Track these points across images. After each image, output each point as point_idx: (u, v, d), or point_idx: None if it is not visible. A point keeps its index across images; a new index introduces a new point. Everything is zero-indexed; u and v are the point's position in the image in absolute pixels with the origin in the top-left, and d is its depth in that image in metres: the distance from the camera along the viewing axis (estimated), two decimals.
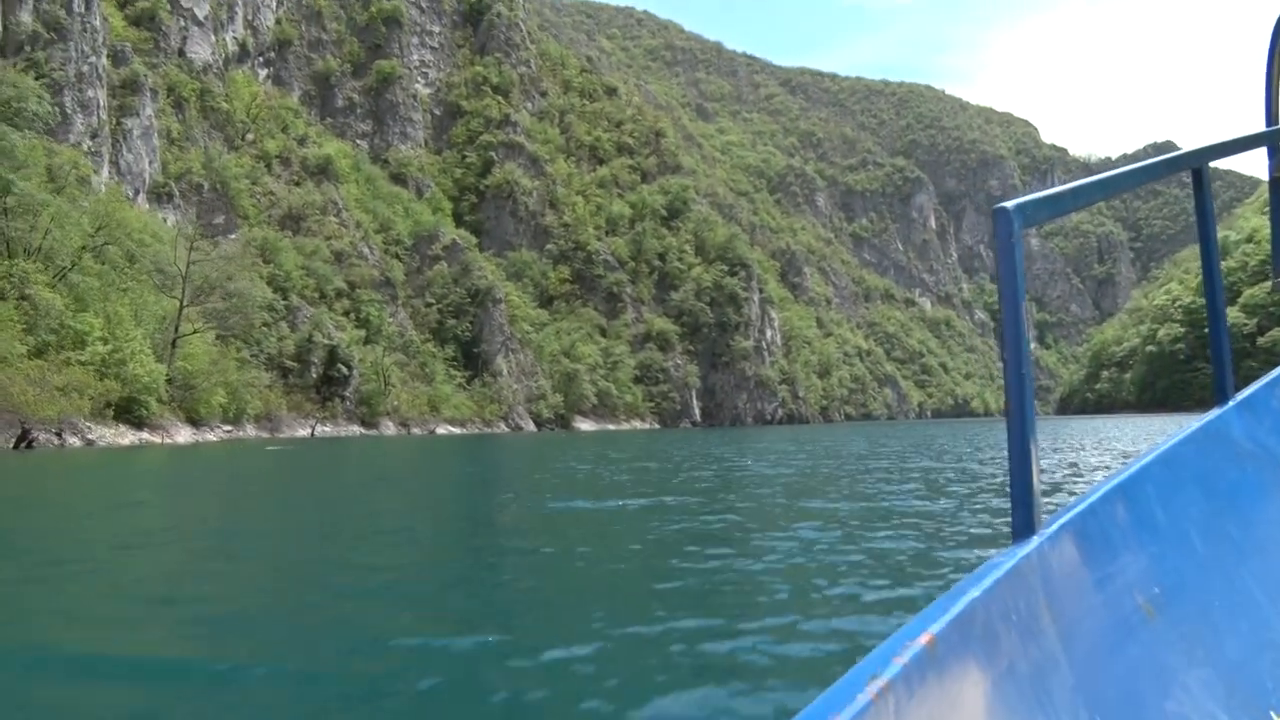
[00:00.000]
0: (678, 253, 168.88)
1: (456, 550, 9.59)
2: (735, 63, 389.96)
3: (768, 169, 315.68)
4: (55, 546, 9.40)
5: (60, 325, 46.15)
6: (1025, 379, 1.83)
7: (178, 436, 51.67)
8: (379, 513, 13.79)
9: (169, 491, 18.84)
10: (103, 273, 52.32)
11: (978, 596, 1.49)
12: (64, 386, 42.45)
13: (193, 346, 57.98)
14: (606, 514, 11.68)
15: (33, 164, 48.66)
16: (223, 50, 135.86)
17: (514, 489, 18.21)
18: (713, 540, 8.81)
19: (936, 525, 9.37)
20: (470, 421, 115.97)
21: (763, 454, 30.81)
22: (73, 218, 49.45)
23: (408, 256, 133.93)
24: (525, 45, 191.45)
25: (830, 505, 12.20)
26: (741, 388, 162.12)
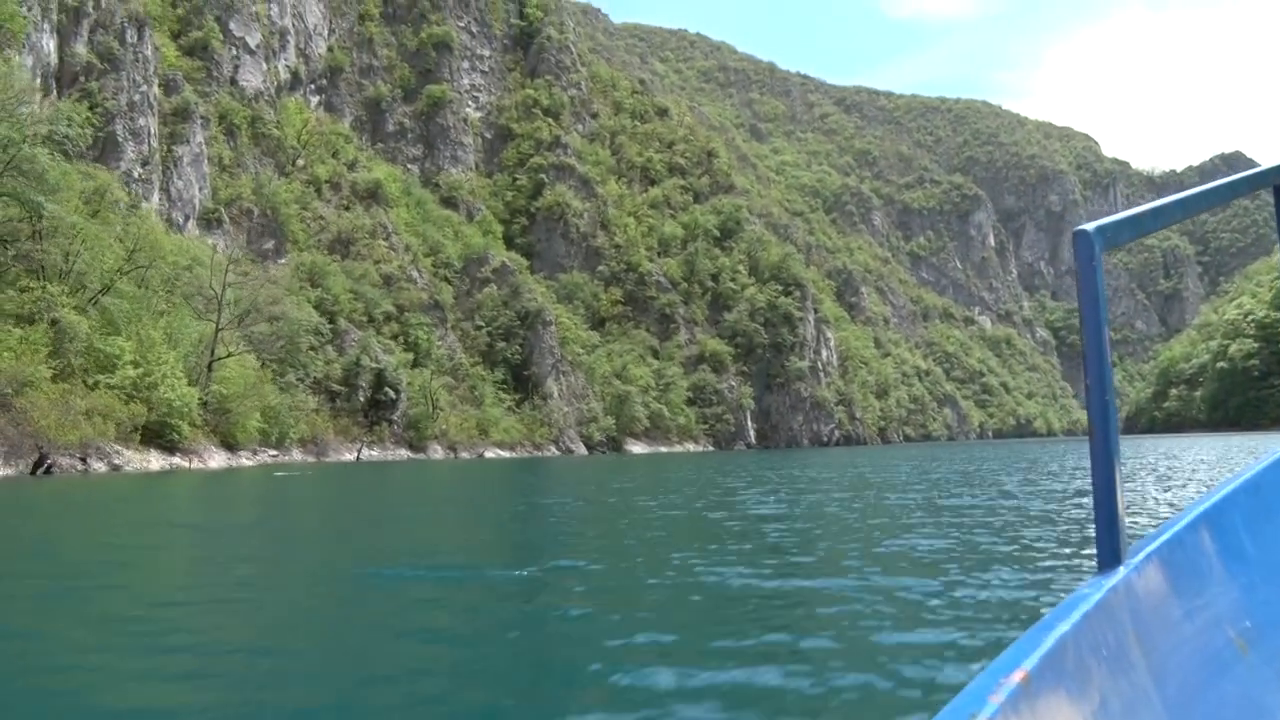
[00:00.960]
0: (731, 273, 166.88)
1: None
2: (789, 82, 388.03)
3: (823, 188, 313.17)
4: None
5: (89, 349, 45.30)
6: (1109, 405, 1.78)
7: (211, 461, 50.58)
8: (343, 553, 12.06)
9: (143, 521, 17.31)
10: (136, 296, 51.46)
11: (1067, 631, 1.47)
12: (88, 411, 41.43)
13: (229, 370, 56.97)
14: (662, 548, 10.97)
15: (67, 188, 47.85)
16: (274, 78, 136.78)
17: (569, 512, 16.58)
18: (787, 567, 8.73)
19: (1015, 550, 9.24)
20: (520, 445, 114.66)
21: (820, 482, 28.89)
22: (105, 241, 48.64)
23: (457, 279, 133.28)
24: (576, 68, 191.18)
25: (906, 528, 11.95)
26: (797, 409, 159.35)
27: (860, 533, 11.93)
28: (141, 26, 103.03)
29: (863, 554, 9.40)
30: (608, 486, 25.88)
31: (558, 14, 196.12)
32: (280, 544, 13.35)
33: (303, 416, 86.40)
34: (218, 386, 55.17)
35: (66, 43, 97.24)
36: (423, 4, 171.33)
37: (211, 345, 56.83)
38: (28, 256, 44.33)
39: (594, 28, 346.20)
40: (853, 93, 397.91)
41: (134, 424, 44.11)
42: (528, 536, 13.61)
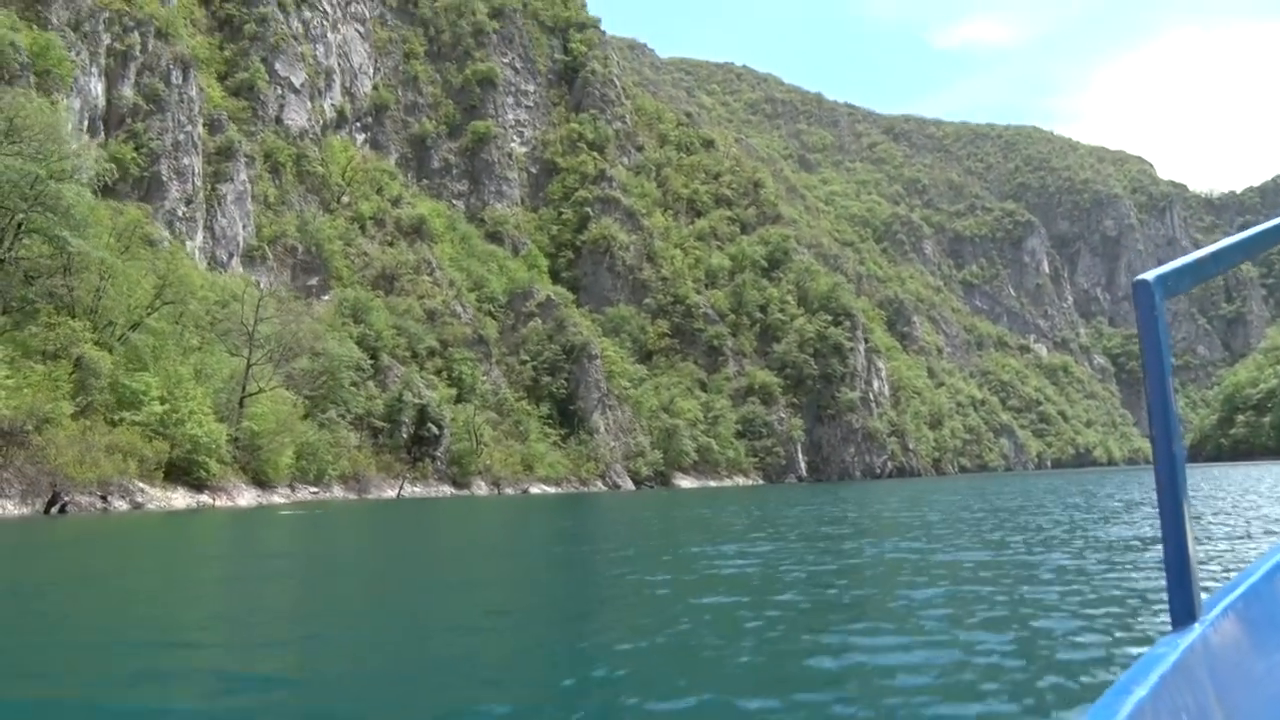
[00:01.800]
0: (779, 304, 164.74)
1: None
2: (836, 112, 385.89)
3: (873, 218, 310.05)
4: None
5: (114, 385, 44.42)
6: (1176, 459, 1.68)
7: (240, 499, 49.43)
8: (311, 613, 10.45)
9: (119, 566, 15.83)
10: (165, 332, 50.66)
11: (1145, 695, 1.39)
12: (109, 448, 40.42)
13: (261, 406, 55.92)
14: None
15: (96, 224, 47.20)
16: (320, 116, 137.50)
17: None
18: (839, 610, 8.56)
19: (1080, 601, 8.59)
20: (566, 480, 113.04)
21: (873, 521, 27.01)
22: (133, 277, 47.88)
23: (502, 314, 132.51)
24: (620, 101, 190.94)
25: (959, 572, 11.36)
26: (849, 440, 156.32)
27: (921, 578, 10.85)
28: (186, 68, 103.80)
29: (908, 609, 8.51)
30: (673, 531, 24.10)
31: (601, 48, 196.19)
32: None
33: (344, 453, 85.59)
34: (249, 423, 54.11)
35: (114, 85, 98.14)
36: (467, 42, 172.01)
37: (243, 381, 55.85)
38: (52, 294, 43.57)
39: (640, 62, 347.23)
40: (901, 121, 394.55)
41: (157, 461, 43.02)
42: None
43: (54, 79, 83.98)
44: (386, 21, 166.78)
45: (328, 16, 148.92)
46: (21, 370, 40.19)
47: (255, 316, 59.77)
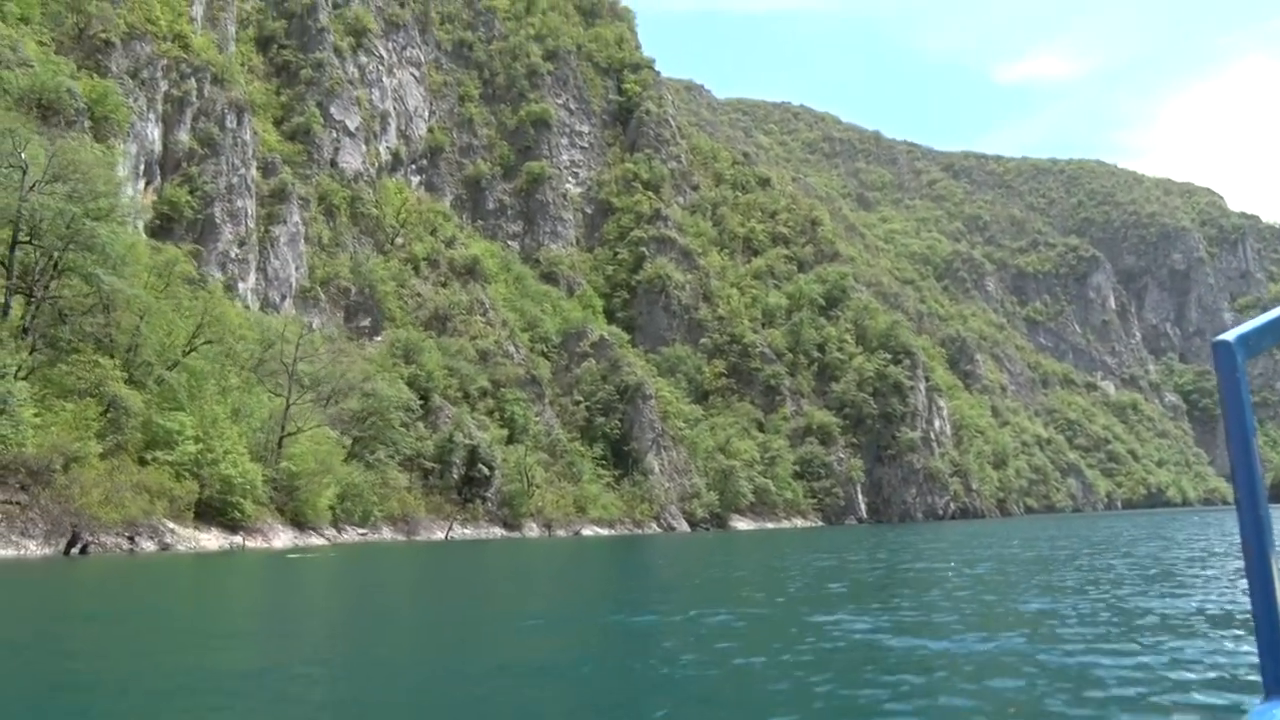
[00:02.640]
0: (837, 342, 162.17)
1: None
2: (895, 150, 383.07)
3: (933, 255, 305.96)
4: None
5: (147, 424, 43.68)
6: (1263, 522, 1.57)
7: (275, 540, 48.36)
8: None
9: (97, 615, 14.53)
10: (202, 371, 49.99)
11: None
12: (137, 487, 39.53)
13: (300, 446, 54.96)
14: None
15: (132, 262, 46.76)
16: (375, 159, 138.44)
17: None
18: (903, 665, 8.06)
19: (1160, 668, 7.91)
20: (620, 522, 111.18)
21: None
22: (169, 316, 47.30)
23: (556, 354, 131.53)
24: (675, 140, 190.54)
25: (1026, 631, 10.39)
26: (910, 481, 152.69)
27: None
28: (241, 112, 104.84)
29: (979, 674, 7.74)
30: (768, 582, 22.47)
31: (656, 88, 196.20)
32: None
33: (393, 494, 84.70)
34: (287, 463, 53.15)
35: (171, 130, 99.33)
36: (521, 84, 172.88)
37: (282, 421, 55.00)
38: (87, 332, 43.04)
39: (697, 103, 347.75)
40: (961, 158, 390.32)
41: (187, 501, 42.07)
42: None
43: (111, 125, 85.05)
44: (441, 65, 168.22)
45: (383, 61, 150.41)
46: (52, 408, 39.56)
47: (295, 355, 58.96)
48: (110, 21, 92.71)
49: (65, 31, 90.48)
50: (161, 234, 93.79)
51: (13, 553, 34.13)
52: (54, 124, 72.08)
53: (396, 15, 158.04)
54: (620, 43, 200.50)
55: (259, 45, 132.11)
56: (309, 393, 62.10)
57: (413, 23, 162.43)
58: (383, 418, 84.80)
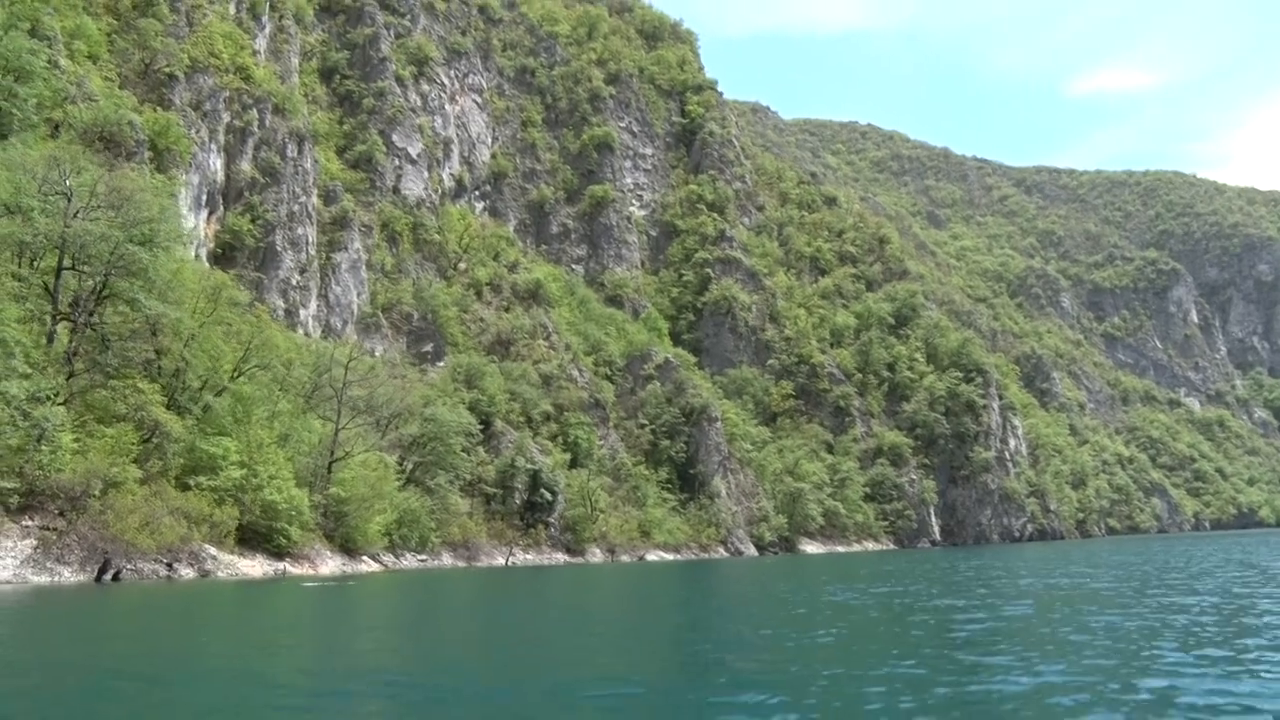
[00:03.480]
0: (908, 362, 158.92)
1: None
2: (965, 167, 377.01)
3: (1006, 272, 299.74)
4: None
5: (191, 449, 43.14)
6: None
7: (322, 567, 47.51)
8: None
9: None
10: (249, 396, 49.50)
11: None
12: (174, 512, 38.87)
13: (350, 471, 54.16)
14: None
15: (178, 287, 46.43)
16: (438, 185, 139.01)
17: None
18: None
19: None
20: (685, 546, 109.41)
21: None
22: (215, 341, 46.85)
23: (620, 377, 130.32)
24: (740, 161, 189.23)
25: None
26: (984, 502, 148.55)
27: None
28: (302, 141, 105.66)
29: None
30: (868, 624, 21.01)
31: (719, 109, 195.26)
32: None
33: (453, 519, 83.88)
34: (336, 489, 52.37)
35: (233, 160, 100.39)
36: (584, 108, 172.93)
37: (331, 446, 54.30)
38: (130, 358, 42.67)
39: (764, 125, 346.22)
40: (1033, 173, 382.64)
41: (227, 527, 41.35)
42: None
43: (173, 156, 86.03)
44: (504, 91, 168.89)
45: (445, 89, 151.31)
46: (93, 434, 39.15)
47: (344, 380, 58.31)
48: (174, 56, 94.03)
49: (132, 68, 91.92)
50: (224, 262, 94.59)
51: (47, 579, 33.56)
52: (115, 155, 72.96)
53: (458, 43, 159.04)
54: (683, 65, 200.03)
55: (322, 76, 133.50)
56: (360, 417, 61.37)
57: (474, 50, 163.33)
58: (443, 443, 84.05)
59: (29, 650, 14.07)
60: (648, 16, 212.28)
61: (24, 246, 41.97)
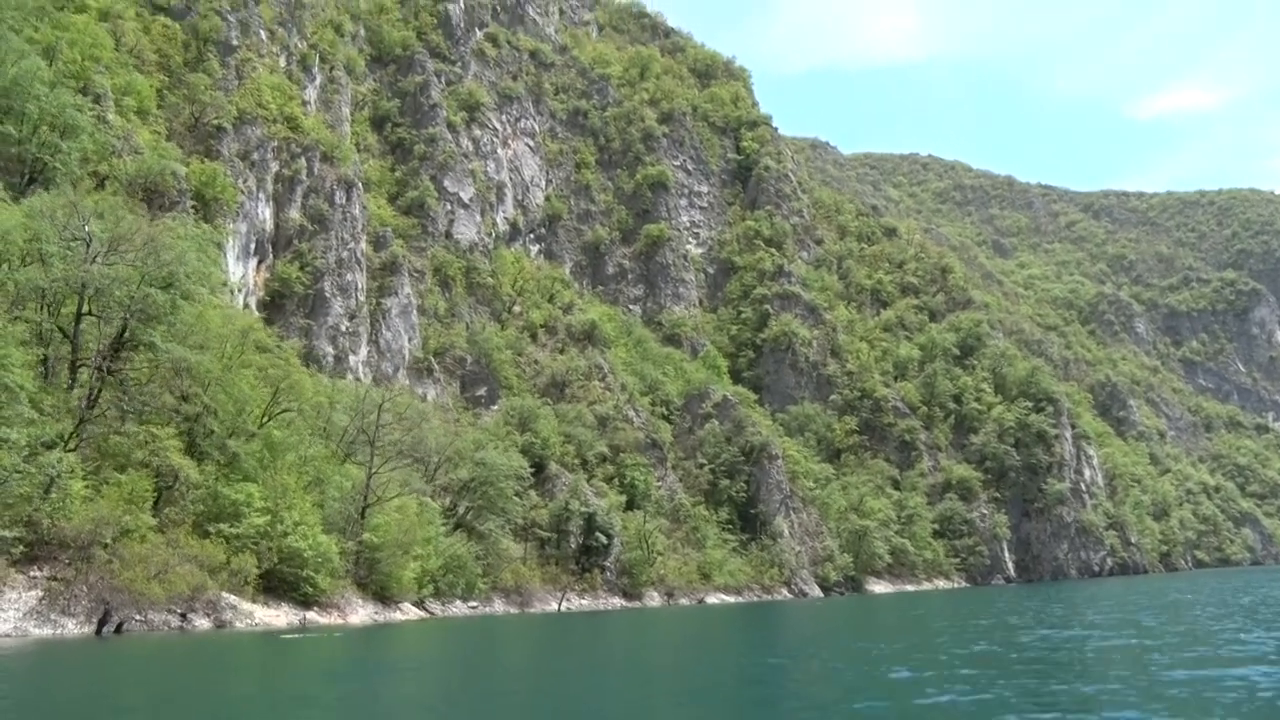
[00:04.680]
0: (974, 392, 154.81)
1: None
2: (1029, 194, 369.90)
3: (1077, 299, 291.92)
4: None
5: (212, 495, 42.01)
6: None
7: (352, 616, 45.98)
8: None
9: None
10: (277, 440, 48.41)
11: None
12: (188, 560, 37.60)
13: (383, 516, 52.69)
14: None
15: (201, 331, 45.58)
16: (491, 229, 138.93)
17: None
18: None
19: None
20: (747, 588, 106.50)
21: None
22: (241, 386, 45.83)
23: (678, 417, 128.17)
24: (796, 195, 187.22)
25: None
26: (1060, 536, 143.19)
27: None
28: (350, 188, 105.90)
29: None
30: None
31: (774, 144, 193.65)
32: None
33: (505, 564, 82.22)
34: (369, 534, 50.92)
35: (282, 209, 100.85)
36: (637, 147, 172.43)
37: (364, 491, 52.93)
38: (147, 403, 41.74)
39: (824, 160, 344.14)
40: (1100, 197, 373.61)
41: (245, 576, 40.01)
42: None
43: (220, 205, 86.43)
44: (556, 134, 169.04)
45: (498, 133, 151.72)
46: (108, 480, 38.17)
47: (376, 423, 57.02)
48: (222, 109, 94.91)
49: (182, 121, 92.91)
50: (273, 310, 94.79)
51: (49, 632, 32.39)
52: (157, 206, 73.30)
53: (510, 88, 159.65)
54: (736, 101, 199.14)
55: (374, 125, 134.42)
56: (395, 460, 60.08)
57: (526, 94, 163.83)
58: (494, 487, 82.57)
59: None
60: (700, 55, 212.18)
61: (43, 293, 41.36)
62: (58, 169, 64.07)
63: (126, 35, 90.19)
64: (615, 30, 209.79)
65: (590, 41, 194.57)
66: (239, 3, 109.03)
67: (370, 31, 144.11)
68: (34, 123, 63.93)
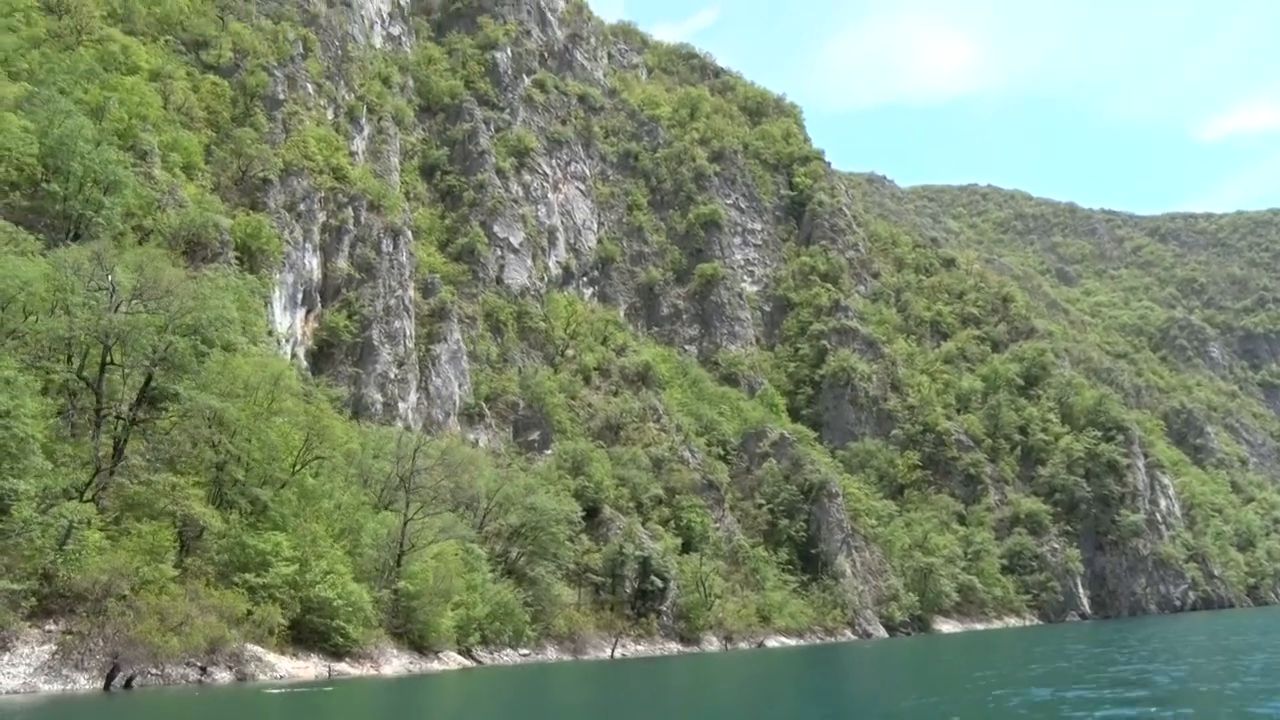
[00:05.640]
0: (1041, 423, 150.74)
1: None
2: (1093, 220, 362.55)
3: (1146, 325, 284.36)
4: None
5: (239, 545, 41.19)
6: None
7: (385, 667, 44.78)
8: None
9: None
10: (310, 487, 47.63)
11: None
12: (210, 612, 36.68)
13: (420, 564, 51.50)
14: None
15: (228, 379, 45.06)
16: (542, 272, 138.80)
17: None
18: None
19: None
20: (809, 631, 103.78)
21: None
22: (267, 433, 45.07)
23: (735, 457, 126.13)
24: (852, 229, 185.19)
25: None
26: (1137, 569, 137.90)
27: None
28: (397, 236, 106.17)
29: None
30: None
31: (828, 178, 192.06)
32: None
33: (558, 611, 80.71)
34: (405, 582, 49.77)
35: (329, 258, 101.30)
36: (689, 187, 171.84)
37: (399, 537, 51.86)
38: (170, 451, 41.17)
39: (882, 195, 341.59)
40: (1166, 220, 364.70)
41: (269, 626, 38.98)
42: None
43: (265, 257, 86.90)
44: (608, 177, 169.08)
45: (548, 178, 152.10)
46: (128, 531, 37.52)
47: (411, 469, 56.03)
48: (269, 162, 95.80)
49: (230, 176, 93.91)
50: (321, 359, 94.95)
51: (59, 687, 31.55)
52: (200, 258, 73.72)
53: (559, 133, 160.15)
54: (788, 137, 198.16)
55: (423, 174, 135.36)
56: (436, 506, 59.03)
57: (575, 139, 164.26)
58: (545, 532, 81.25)
59: None
60: (750, 93, 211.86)
61: (69, 343, 41.07)
62: (100, 224, 64.53)
63: (175, 94, 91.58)
64: (664, 72, 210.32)
65: (639, 84, 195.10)
66: (286, 58, 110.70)
67: (419, 82, 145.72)
68: (79, 180, 64.56)
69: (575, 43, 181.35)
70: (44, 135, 62.95)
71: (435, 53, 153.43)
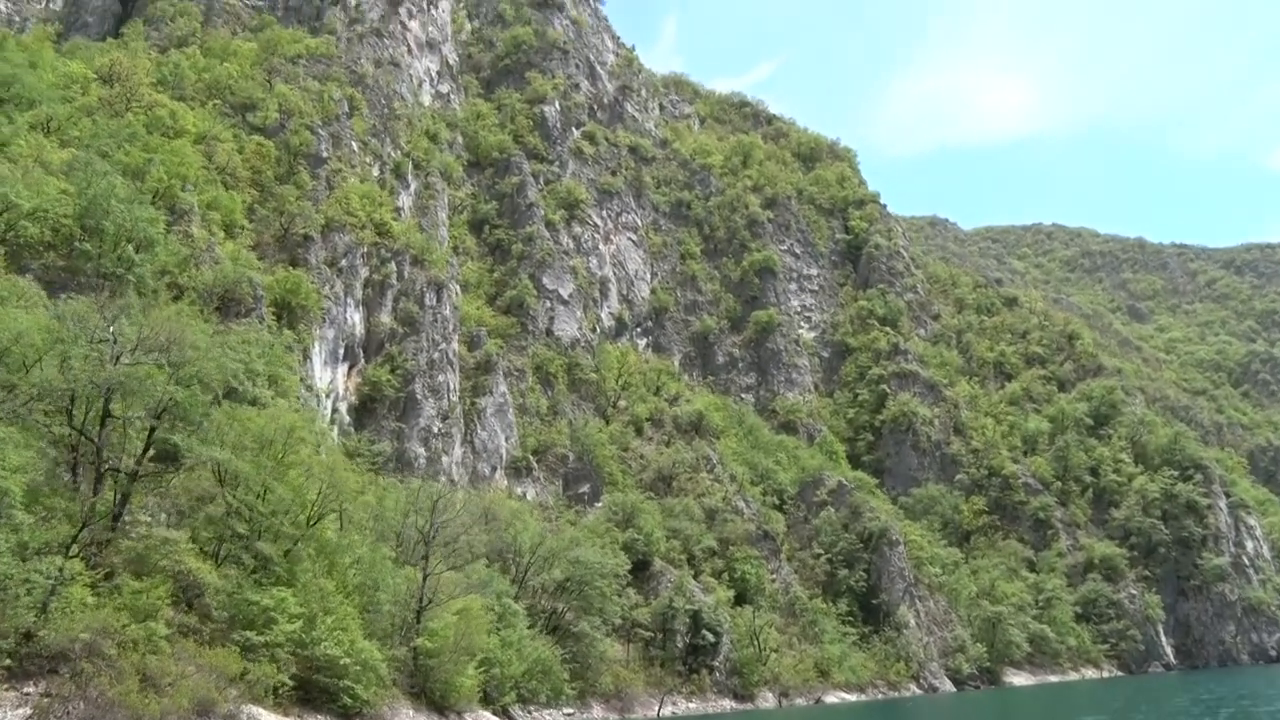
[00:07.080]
0: (1113, 464, 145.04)
1: None
2: (1163, 255, 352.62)
3: (1225, 360, 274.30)
4: None
5: (239, 601, 39.65)
6: None
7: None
8: None
9: None
10: (330, 542, 46.15)
11: None
12: (205, 671, 35.05)
13: (441, 620, 49.55)
14: None
15: (238, 431, 43.91)
16: (594, 324, 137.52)
17: None
18: None
19: None
20: (870, 685, 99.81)
21: None
22: (276, 487, 43.68)
23: (792, 506, 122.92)
24: (910, 271, 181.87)
25: None
26: (1225, 616, 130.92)
27: None
28: (440, 289, 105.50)
29: None
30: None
31: (884, 221, 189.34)
32: None
33: (605, 667, 78.24)
34: (423, 639, 47.84)
35: (372, 313, 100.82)
36: (742, 234, 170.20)
37: (419, 592, 50.02)
38: (163, 501, 39.94)
39: (944, 237, 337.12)
40: (1241, 252, 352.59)
41: (267, 686, 37.24)
42: None
43: (305, 312, 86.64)
44: (660, 226, 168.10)
45: (599, 229, 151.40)
46: (120, 587, 36.18)
47: (431, 522, 54.24)
48: (310, 218, 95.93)
49: (272, 234, 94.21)
50: (364, 414, 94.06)
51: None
52: (233, 314, 73.44)
53: (609, 184, 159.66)
54: (842, 181, 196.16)
55: (472, 228, 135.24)
56: (464, 559, 57.25)
57: (626, 189, 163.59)
58: (591, 586, 78.92)
59: None
60: (803, 139, 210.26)
61: (71, 395, 40.15)
62: (130, 280, 64.40)
63: (219, 154, 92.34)
64: (717, 121, 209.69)
65: (691, 134, 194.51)
66: (331, 117, 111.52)
67: (467, 138, 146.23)
68: (112, 239, 64.55)
69: (625, 95, 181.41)
70: (80, 196, 63.22)
71: (484, 109, 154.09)
